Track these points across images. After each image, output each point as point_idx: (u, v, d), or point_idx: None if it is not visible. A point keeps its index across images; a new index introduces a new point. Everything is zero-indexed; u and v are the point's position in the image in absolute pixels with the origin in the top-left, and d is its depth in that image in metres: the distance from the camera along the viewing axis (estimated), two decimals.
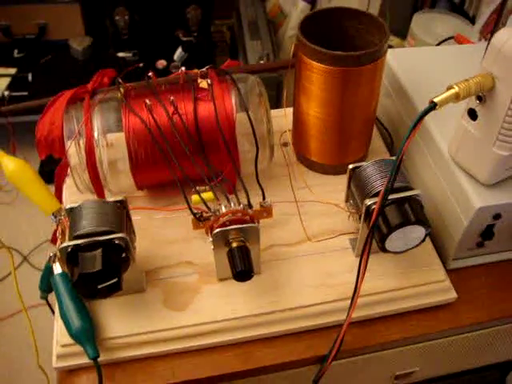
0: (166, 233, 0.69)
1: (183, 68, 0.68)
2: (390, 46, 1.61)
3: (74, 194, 0.71)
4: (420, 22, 1.61)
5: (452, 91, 0.53)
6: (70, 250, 0.55)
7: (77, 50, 2.19)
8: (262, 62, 1.97)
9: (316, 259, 0.66)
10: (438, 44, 0.98)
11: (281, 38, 2.13)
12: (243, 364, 0.62)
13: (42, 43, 2.22)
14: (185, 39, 2.15)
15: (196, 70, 0.69)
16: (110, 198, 0.61)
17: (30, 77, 2.11)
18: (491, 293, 0.69)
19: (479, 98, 0.57)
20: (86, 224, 0.57)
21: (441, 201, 0.68)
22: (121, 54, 2.16)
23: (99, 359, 0.58)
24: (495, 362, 0.83)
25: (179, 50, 2.12)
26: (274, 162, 0.72)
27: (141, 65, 2.01)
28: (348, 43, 0.72)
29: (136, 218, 0.66)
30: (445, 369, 0.80)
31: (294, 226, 0.70)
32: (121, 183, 0.68)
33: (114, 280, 0.55)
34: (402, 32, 1.71)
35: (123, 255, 0.57)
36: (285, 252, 0.67)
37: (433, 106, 0.52)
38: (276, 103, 1.70)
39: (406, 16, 1.72)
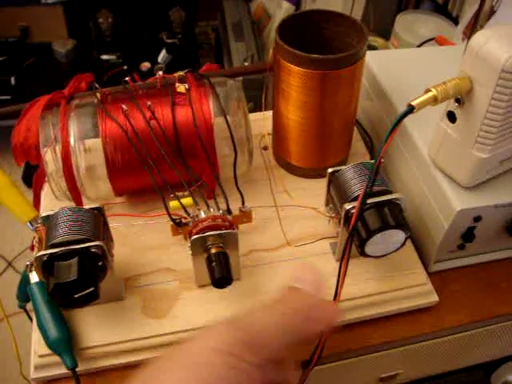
0: (145, 239, 0.68)
1: (161, 72, 0.68)
2: (374, 47, 1.62)
3: (52, 201, 0.70)
4: (403, 22, 1.61)
5: (430, 94, 0.53)
6: (45, 259, 0.54)
7: (60, 53, 2.17)
8: (246, 63, 1.96)
9: (296, 264, 0.66)
10: (419, 46, 0.98)
11: (265, 39, 2.13)
12: None
13: (24, 46, 2.20)
14: (169, 41, 2.14)
15: (175, 74, 0.69)
16: (87, 205, 0.60)
17: (12, 80, 2.10)
18: (473, 295, 0.69)
19: (458, 101, 0.57)
20: (62, 232, 0.56)
21: (422, 204, 0.68)
22: (104, 57, 2.15)
23: (78, 369, 0.58)
24: (480, 362, 0.83)
25: (163, 52, 2.11)
26: (253, 166, 0.72)
27: (125, 67, 2.01)
28: (327, 46, 0.71)
29: (115, 224, 0.65)
30: (429, 370, 0.80)
31: (274, 230, 0.69)
32: (99, 189, 0.67)
33: (91, 289, 0.54)
34: (387, 33, 1.71)
35: (100, 264, 0.56)
36: (265, 257, 0.67)
37: (410, 110, 0.52)
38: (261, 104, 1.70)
39: (391, 17, 1.72)
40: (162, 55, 2.11)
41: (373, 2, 1.78)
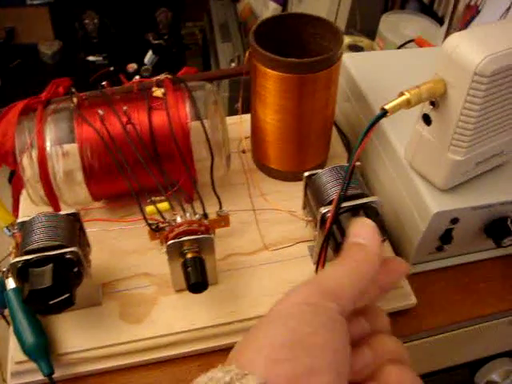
0: (123, 244, 0.68)
1: (137, 77, 0.68)
2: (360, 48, 1.62)
3: (30, 206, 0.69)
4: (388, 23, 1.61)
5: (403, 98, 0.53)
6: (20, 265, 0.54)
7: (46, 54, 2.17)
8: (233, 64, 1.96)
9: (274, 268, 0.66)
10: (399, 47, 0.98)
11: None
12: None
13: (10, 47, 2.19)
14: (155, 42, 2.14)
15: (153, 79, 0.68)
16: (63, 211, 0.60)
17: None
18: (452, 296, 0.69)
19: (433, 104, 0.57)
20: (37, 238, 0.56)
21: (399, 206, 0.68)
22: (91, 58, 2.14)
23: (55, 375, 0.58)
24: (463, 362, 0.84)
25: (149, 53, 2.11)
26: (232, 169, 0.72)
27: (111, 68, 2.01)
28: (304, 49, 0.71)
29: (92, 229, 0.65)
30: None
31: (252, 234, 0.69)
32: (76, 194, 0.67)
33: (66, 295, 0.54)
34: (373, 33, 1.71)
35: (75, 270, 0.56)
36: (243, 261, 0.67)
37: (383, 114, 0.52)
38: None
39: (377, 17, 1.71)
40: (149, 56, 2.11)
41: (359, 2, 1.77)
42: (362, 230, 0.47)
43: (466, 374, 0.93)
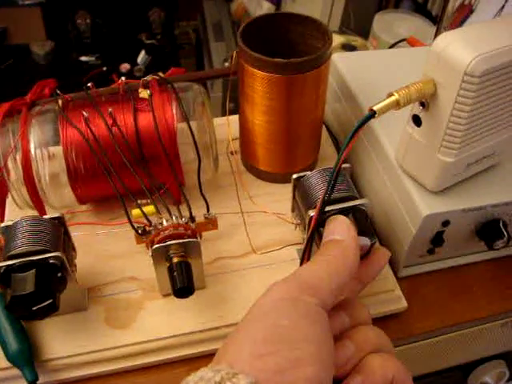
0: (109, 248, 0.67)
1: (123, 78, 0.66)
2: (354, 47, 1.61)
3: (16, 210, 0.68)
4: (382, 22, 1.61)
5: (392, 99, 0.52)
6: (2, 271, 0.53)
7: (38, 55, 2.15)
8: (226, 63, 1.95)
9: (263, 271, 0.65)
10: (391, 46, 0.97)
11: None
12: None
13: (2, 48, 2.17)
14: (148, 42, 2.13)
15: (139, 80, 0.67)
16: (48, 215, 0.59)
17: None
18: (444, 300, 0.68)
19: (423, 104, 0.56)
20: (20, 243, 0.54)
21: (390, 208, 0.67)
22: (83, 58, 2.13)
23: (39, 382, 0.56)
24: (455, 365, 0.83)
25: (142, 53, 2.10)
26: (220, 171, 0.71)
27: (104, 68, 2.00)
28: (292, 49, 0.70)
29: (78, 233, 0.64)
30: None
31: (240, 237, 0.68)
32: (62, 198, 0.66)
33: (50, 301, 0.53)
34: (367, 32, 1.70)
35: (59, 275, 0.55)
36: (231, 265, 0.66)
37: (372, 115, 0.51)
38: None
39: (371, 16, 1.71)
40: (142, 56, 2.10)
41: (353, 1, 1.77)
42: (336, 227, 0.48)
43: (459, 376, 0.92)
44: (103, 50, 2.14)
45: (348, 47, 1.59)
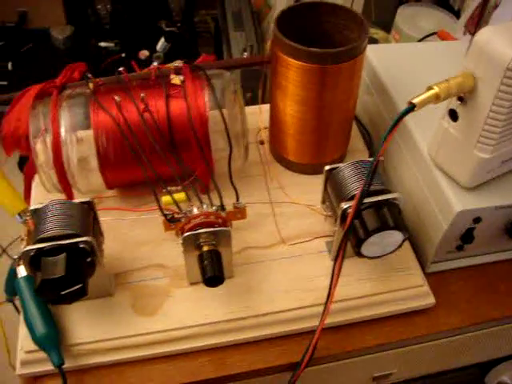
0: (136, 234, 0.67)
1: (156, 63, 0.66)
2: (375, 40, 1.60)
3: (43, 193, 0.68)
4: (404, 15, 1.59)
5: (432, 92, 0.51)
6: (32, 254, 0.53)
7: (58, 39, 2.14)
8: (245, 53, 1.94)
9: (291, 263, 0.64)
10: (421, 40, 0.96)
11: (265, 29, 2.10)
12: (215, 371, 0.60)
13: (22, 31, 2.16)
14: (167, 29, 2.11)
15: (170, 65, 0.67)
16: (77, 199, 0.58)
17: (9, 66, 2.07)
18: (470, 297, 0.67)
19: (460, 99, 0.55)
20: (50, 227, 0.54)
21: (420, 203, 0.66)
22: (103, 44, 2.12)
23: (64, 366, 0.56)
24: (474, 363, 0.82)
25: (162, 41, 2.08)
26: (249, 160, 0.70)
27: (123, 55, 1.98)
28: (327, 39, 0.69)
29: (106, 218, 0.63)
30: (423, 370, 0.79)
31: (269, 227, 0.68)
32: (90, 182, 0.66)
33: (79, 286, 0.53)
34: (388, 25, 1.68)
35: (88, 260, 0.54)
36: (259, 255, 0.65)
37: (411, 108, 0.50)
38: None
39: (392, 9, 1.69)
40: (161, 43, 2.08)
41: None
42: None
43: (476, 375, 0.92)
44: (122, 36, 2.12)
45: (370, 40, 1.57)
